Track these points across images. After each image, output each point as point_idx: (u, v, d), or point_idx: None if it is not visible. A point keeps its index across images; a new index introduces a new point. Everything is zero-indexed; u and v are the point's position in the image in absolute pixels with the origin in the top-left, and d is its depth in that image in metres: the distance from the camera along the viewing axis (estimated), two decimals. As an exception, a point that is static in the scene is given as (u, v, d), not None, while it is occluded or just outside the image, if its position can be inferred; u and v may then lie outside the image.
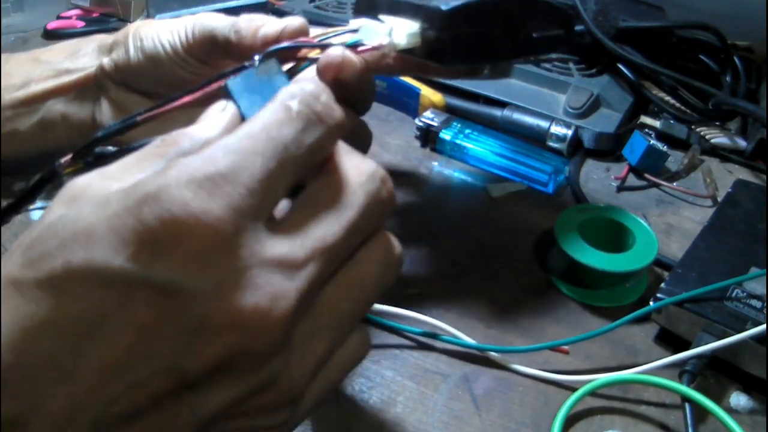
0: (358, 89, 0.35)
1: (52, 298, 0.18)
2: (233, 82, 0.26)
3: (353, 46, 0.34)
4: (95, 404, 0.19)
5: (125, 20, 0.73)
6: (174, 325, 0.19)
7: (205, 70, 0.36)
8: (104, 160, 0.24)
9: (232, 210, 0.19)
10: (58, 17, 0.74)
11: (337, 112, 0.23)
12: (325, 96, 0.23)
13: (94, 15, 0.75)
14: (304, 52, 0.33)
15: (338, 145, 0.24)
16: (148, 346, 0.19)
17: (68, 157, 0.27)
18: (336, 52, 0.33)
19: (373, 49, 0.34)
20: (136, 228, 0.18)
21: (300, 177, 0.22)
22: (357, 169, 0.23)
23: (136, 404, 0.19)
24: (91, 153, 0.28)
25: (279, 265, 0.20)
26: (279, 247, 0.21)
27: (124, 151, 0.25)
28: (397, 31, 0.34)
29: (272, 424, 0.22)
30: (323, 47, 0.33)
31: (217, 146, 0.20)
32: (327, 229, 0.22)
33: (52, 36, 0.71)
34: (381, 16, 0.36)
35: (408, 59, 0.39)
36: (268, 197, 0.21)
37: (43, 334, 0.18)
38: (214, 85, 0.31)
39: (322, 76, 0.33)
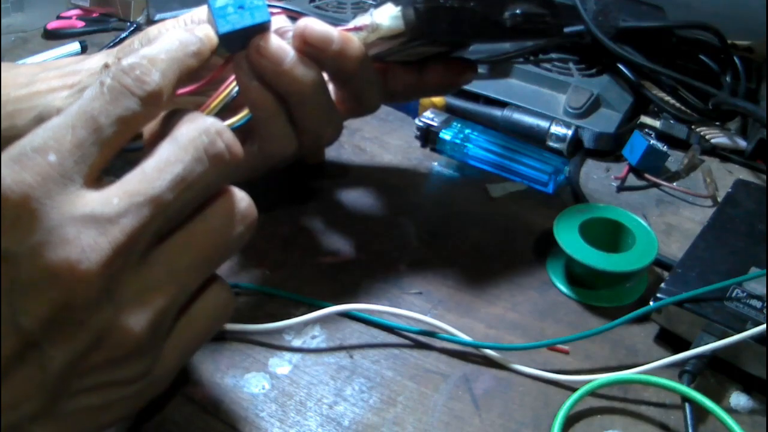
0: (344, 68, 0.36)
1: None
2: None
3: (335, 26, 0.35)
4: None
5: (125, 20, 0.73)
6: (7, 287, 0.22)
7: (213, 66, 0.37)
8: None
9: (40, 177, 0.22)
10: (58, 17, 0.74)
11: (150, 84, 0.25)
12: (141, 69, 0.25)
13: (94, 15, 0.75)
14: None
15: (181, 112, 0.26)
16: None
17: None
18: (301, 21, 0.35)
19: (356, 28, 0.35)
20: None
21: (120, 142, 0.24)
22: (190, 125, 0.25)
23: None
24: None
25: (92, 221, 0.22)
26: (92, 204, 0.23)
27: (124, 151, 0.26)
28: (379, 13, 0.35)
29: (126, 376, 0.24)
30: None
31: (41, 126, 0.23)
32: (147, 184, 0.23)
33: (52, 36, 0.71)
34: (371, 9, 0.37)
35: (406, 78, 0.40)
36: (81, 162, 0.23)
37: None
38: (216, 74, 0.32)
39: (294, 45, 0.35)
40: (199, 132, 0.25)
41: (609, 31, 0.57)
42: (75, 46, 0.68)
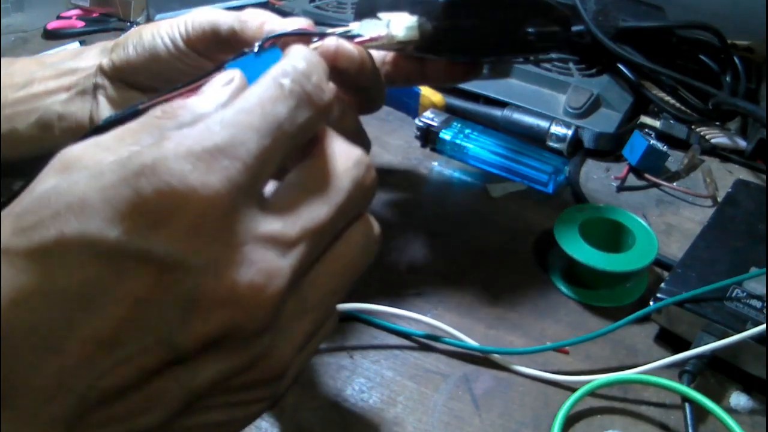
0: (360, 82, 0.35)
1: (44, 269, 0.18)
2: (232, 65, 0.26)
3: (351, 38, 0.34)
4: (83, 378, 0.18)
5: (125, 20, 0.73)
6: (168, 299, 0.19)
7: (205, 64, 0.36)
8: None
9: (230, 184, 0.19)
10: (58, 17, 0.74)
11: (327, 93, 0.23)
12: (316, 76, 0.23)
13: (94, 15, 0.75)
14: (303, 41, 0.33)
15: (326, 129, 0.24)
16: (141, 320, 0.19)
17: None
18: (331, 41, 0.33)
19: (371, 40, 0.34)
20: (132, 200, 0.18)
21: (289, 155, 0.22)
22: (344, 155, 0.24)
23: (125, 379, 0.19)
24: None
25: (273, 243, 0.20)
26: (273, 224, 0.21)
27: (120, 117, 0.25)
28: (395, 23, 0.34)
29: (258, 397, 0.23)
30: (323, 36, 0.33)
31: (214, 119, 0.20)
32: (317, 211, 0.22)
33: (52, 36, 0.71)
34: (380, 14, 0.36)
35: (407, 65, 0.40)
36: (263, 173, 0.21)
37: (33, 306, 0.18)
38: (215, 75, 0.31)
39: None
40: (354, 162, 0.24)
41: (609, 31, 0.57)
42: (75, 46, 0.68)
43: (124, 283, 0.18)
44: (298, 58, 0.23)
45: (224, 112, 0.20)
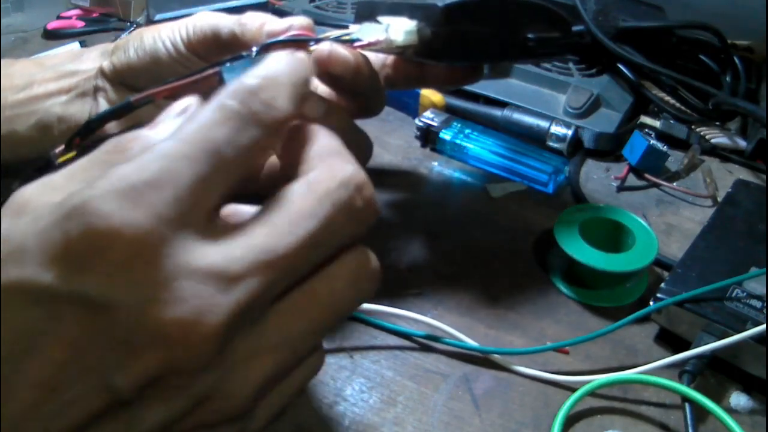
0: (357, 87, 0.35)
1: None
2: (229, 70, 0.26)
3: (350, 43, 0.34)
4: (35, 423, 0.18)
5: (125, 20, 0.73)
6: (102, 340, 0.18)
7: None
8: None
9: (156, 219, 0.18)
10: (58, 17, 0.74)
11: (279, 110, 0.21)
12: (268, 92, 0.21)
13: (94, 15, 0.75)
14: (300, 46, 0.33)
15: (313, 145, 0.23)
16: (79, 362, 0.18)
17: (62, 147, 0.27)
18: (324, 47, 0.33)
19: (370, 44, 0.34)
20: (62, 243, 0.18)
21: (238, 180, 0.21)
22: (329, 174, 0.21)
23: (73, 422, 0.19)
24: (86, 139, 0.28)
25: (211, 277, 0.19)
26: (213, 256, 0.19)
27: (113, 111, 0.25)
28: (394, 28, 0.34)
29: None
30: (319, 41, 0.33)
31: (150, 152, 0.19)
32: (278, 239, 0.20)
33: (52, 36, 0.71)
34: (380, 18, 0.36)
35: (407, 69, 0.40)
36: (200, 203, 0.20)
37: None
38: (210, 71, 0.31)
39: (315, 71, 0.33)
40: (338, 183, 0.21)
41: (609, 31, 0.57)
42: (75, 46, 0.68)
43: (61, 325, 0.18)
44: (253, 74, 0.22)
45: (162, 144, 0.20)
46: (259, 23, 0.35)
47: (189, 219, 0.19)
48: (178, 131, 0.20)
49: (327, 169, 0.22)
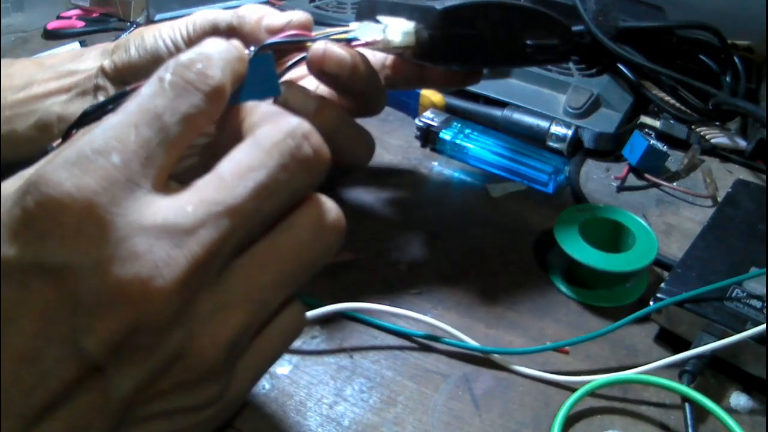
0: (354, 85, 0.35)
1: None
2: None
3: (348, 42, 0.34)
4: (17, 396, 0.19)
5: (125, 20, 0.73)
6: (68, 306, 0.19)
7: None
8: None
9: (106, 182, 0.19)
10: (58, 17, 0.74)
11: (212, 77, 0.23)
12: (201, 64, 0.23)
13: (94, 15, 0.75)
14: (299, 47, 0.34)
15: (254, 115, 0.24)
16: (51, 330, 0.19)
17: (59, 141, 0.27)
18: (319, 45, 0.33)
19: (367, 44, 0.34)
20: (21, 217, 0.19)
21: (184, 144, 0.22)
22: (274, 127, 0.22)
23: (52, 393, 0.19)
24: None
25: (165, 232, 0.20)
26: (164, 213, 0.20)
27: (109, 101, 0.26)
28: (392, 28, 0.34)
29: (196, 402, 0.22)
30: (316, 40, 0.33)
31: (99, 126, 0.21)
32: (227, 191, 0.21)
33: (52, 36, 0.71)
34: (380, 18, 0.36)
35: (407, 69, 0.40)
36: (148, 165, 0.21)
37: None
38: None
39: (309, 70, 0.34)
40: (284, 134, 0.22)
41: (609, 31, 0.57)
42: (75, 46, 0.68)
43: (29, 296, 0.19)
44: (187, 52, 0.23)
45: (110, 117, 0.21)
46: (257, 16, 0.35)
47: (138, 180, 0.20)
48: (124, 105, 0.22)
49: (271, 124, 0.23)
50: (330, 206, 0.24)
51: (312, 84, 0.38)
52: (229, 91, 0.24)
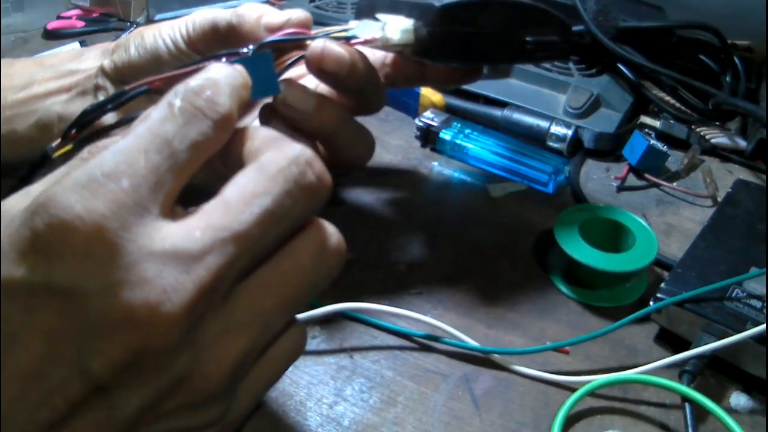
0: (353, 84, 0.35)
1: None
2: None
3: (347, 40, 0.34)
4: (21, 414, 0.19)
5: (125, 20, 0.73)
6: (75, 327, 0.19)
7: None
8: (95, 138, 0.24)
9: (115, 206, 0.20)
10: (58, 17, 0.74)
11: (221, 105, 0.23)
12: (210, 91, 0.23)
13: (94, 15, 0.75)
14: (297, 45, 0.34)
15: (255, 139, 0.24)
16: (57, 350, 0.19)
17: (58, 140, 0.27)
18: (317, 44, 0.34)
19: (366, 42, 0.34)
20: (29, 237, 0.19)
21: (192, 169, 0.22)
22: (279, 154, 0.23)
23: (57, 411, 0.20)
24: (82, 131, 0.28)
25: (173, 258, 0.20)
26: (173, 238, 0.20)
27: (108, 101, 0.26)
28: (391, 26, 0.34)
29: (199, 423, 0.22)
30: (315, 38, 0.33)
31: (109, 149, 0.21)
32: (234, 217, 0.21)
33: (52, 36, 0.71)
34: (379, 15, 0.36)
35: (406, 67, 0.40)
36: (156, 190, 0.21)
37: None
38: (206, 63, 0.31)
39: (308, 68, 0.34)
40: (289, 161, 0.22)
41: (609, 31, 0.57)
42: (75, 46, 0.68)
43: (36, 317, 0.19)
44: (195, 78, 0.24)
45: (119, 141, 0.21)
46: (257, 15, 0.35)
47: (147, 205, 0.21)
48: (133, 129, 0.22)
49: (275, 150, 0.23)
50: (331, 231, 0.24)
51: (312, 83, 0.38)
52: (236, 120, 0.24)
